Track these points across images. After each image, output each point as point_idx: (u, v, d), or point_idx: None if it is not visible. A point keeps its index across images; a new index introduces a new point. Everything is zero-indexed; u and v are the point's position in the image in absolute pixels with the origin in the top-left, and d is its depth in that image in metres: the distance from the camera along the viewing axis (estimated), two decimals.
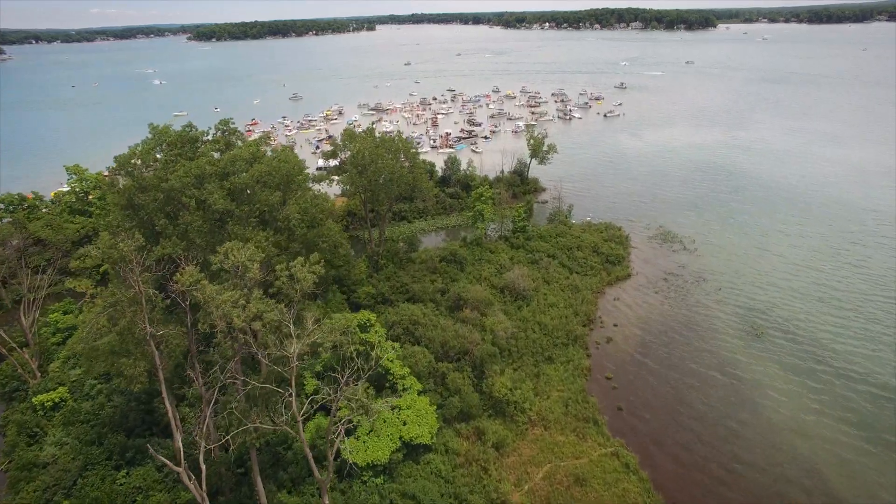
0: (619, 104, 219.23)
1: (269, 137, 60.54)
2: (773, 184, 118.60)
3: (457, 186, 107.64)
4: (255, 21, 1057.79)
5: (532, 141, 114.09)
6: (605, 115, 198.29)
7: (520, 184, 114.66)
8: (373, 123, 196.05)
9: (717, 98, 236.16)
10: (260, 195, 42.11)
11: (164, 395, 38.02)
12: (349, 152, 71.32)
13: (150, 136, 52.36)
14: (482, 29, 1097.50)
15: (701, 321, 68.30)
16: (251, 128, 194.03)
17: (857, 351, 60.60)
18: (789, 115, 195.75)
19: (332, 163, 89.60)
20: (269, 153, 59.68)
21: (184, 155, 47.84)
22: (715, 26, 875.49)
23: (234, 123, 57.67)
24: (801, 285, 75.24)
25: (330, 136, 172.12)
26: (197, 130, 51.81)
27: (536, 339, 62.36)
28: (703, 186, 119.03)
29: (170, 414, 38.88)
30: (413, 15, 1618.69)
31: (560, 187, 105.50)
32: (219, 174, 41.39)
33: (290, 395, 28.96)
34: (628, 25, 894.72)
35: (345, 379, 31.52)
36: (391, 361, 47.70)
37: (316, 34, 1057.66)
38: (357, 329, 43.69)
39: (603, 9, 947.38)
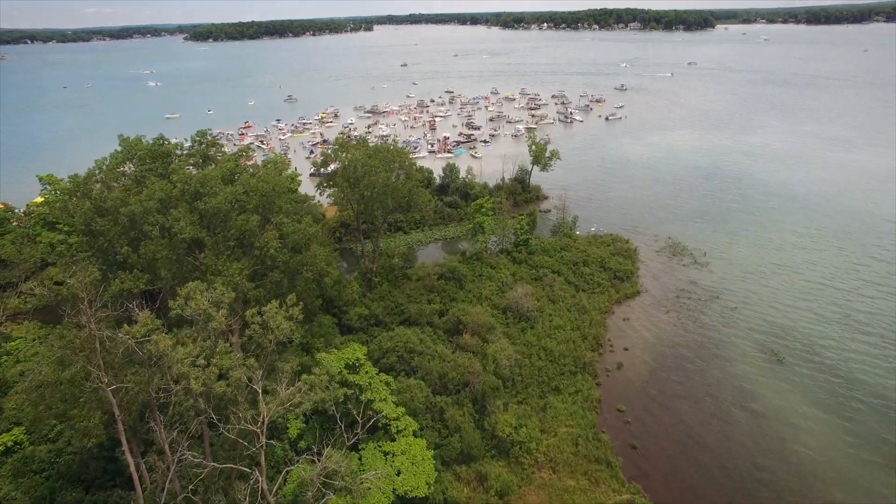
0: (621, 106, 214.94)
1: (250, 150, 55.42)
2: (784, 192, 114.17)
3: (455, 195, 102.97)
4: (252, 21, 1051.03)
5: (534, 147, 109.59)
6: (606, 119, 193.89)
7: (521, 192, 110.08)
8: (369, 127, 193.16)
9: (719, 100, 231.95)
10: (235, 220, 37.39)
11: (125, 447, 33.38)
12: (340, 163, 66.49)
13: (119, 148, 47.55)
14: (480, 29, 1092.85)
15: (716, 345, 63.74)
16: (244, 131, 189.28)
17: (888, 384, 56.03)
18: (795, 118, 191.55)
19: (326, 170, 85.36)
20: (256, 165, 55.06)
21: (155, 171, 43.02)
22: (713, 27, 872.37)
23: (213, 133, 52.56)
24: (820, 306, 70.70)
25: (325, 141, 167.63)
26: (170, 143, 46.95)
27: (542, 367, 57.72)
28: (711, 194, 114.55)
29: (131, 467, 34.22)
30: (411, 15, 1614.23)
31: (565, 197, 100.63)
32: (190, 195, 36.63)
33: (258, 479, 24.23)
34: (627, 26, 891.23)
35: (325, 452, 26.76)
36: (383, 401, 42.98)
37: (313, 34, 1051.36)
38: (345, 370, 39.06)
39: (601, 9, 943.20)
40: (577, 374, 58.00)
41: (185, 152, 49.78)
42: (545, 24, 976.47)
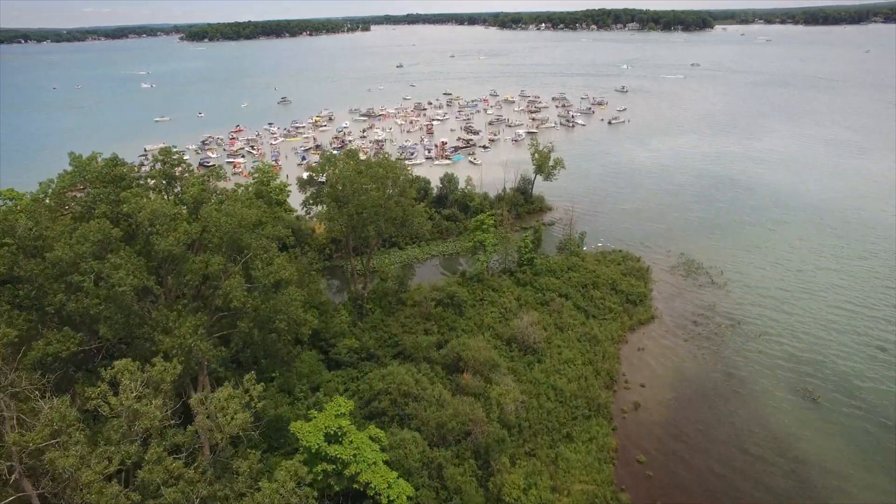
0: (623, 109, 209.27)
1: (219, 176, 48.93)
2: (798, 203, 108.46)
3: (454, 207, 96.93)
4: (249, 21, 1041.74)
5: (537, 155, 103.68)
6: (609, 122, 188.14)
7: (524, 203, 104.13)
8: (364, 131, 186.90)
9: (722, 103, 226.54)
10: (192, 264, 31.26)
11: None
12: (327, 179, 60.35)
13: (69, 168, 41.44)
14: (478, 29, 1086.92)
15: (742, 382, 57.86)
16: (235, 135, 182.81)
17: None
18: (800, 121, 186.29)
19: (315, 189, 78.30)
20: (226, 190, 48.75)
21: (106, 198, 36.87)
22: (712, 27, 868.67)
23: (179, 151, 46.40)
24: (852, 337, 64.79)
25: (318, 146, 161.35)
26: (127, 165, 40.85)
27: (552, 410, 51.75)
28: (722, 205, 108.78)
29: None
30: (408, 15, 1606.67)
31: (572, 212, 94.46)
32: (142, 236, 30.52)
33: None
34: (625, 26, 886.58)
35: None
36: (373, 466, 36.87)
37: (310, 34, 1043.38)
38: (325, 444, 33.01)
39: (599, 9, 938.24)
40: (590, 417, 52.08)
41: (145, 174, 43.46)
42: (543, 25, 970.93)
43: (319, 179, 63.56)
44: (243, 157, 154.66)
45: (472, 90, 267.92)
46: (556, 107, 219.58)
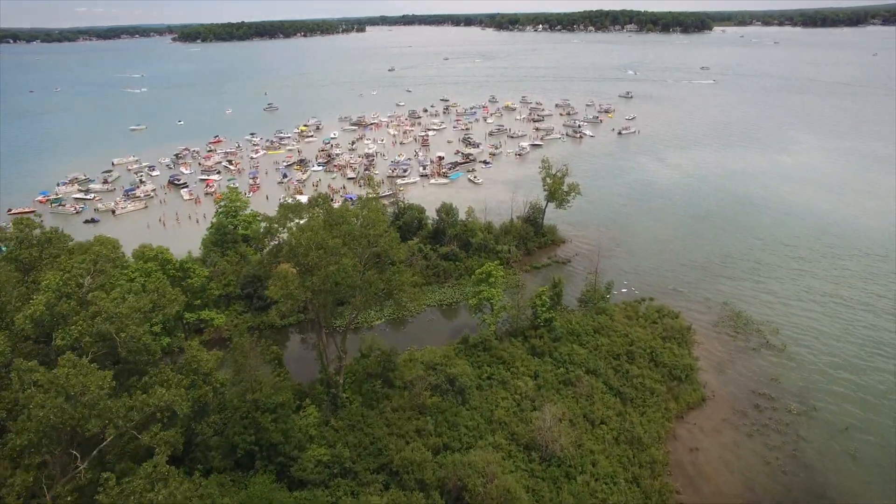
0: (633, 118, 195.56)
1: (64, 241, 34.50)
2: (850, 236, 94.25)
3: (453, 244, 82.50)
4: (242, 22, 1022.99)
5: (549, 180, 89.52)
6: (619, 133, 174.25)
7: (534, 236, 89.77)
8: (353, 143, 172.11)
9: (737, 110, 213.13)
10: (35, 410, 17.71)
11: None
12: (289, 237, 45.81)
13: None
14: (474, 31, 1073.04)
15: (836, 499, 43.85)
16: (213, 147, 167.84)
17: None
18: (828, 131, 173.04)
19: (300, 220, 62.33)
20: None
21: None
22: (710, 29, 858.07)
23: (43, 222, 31.84)
24: None
25: (301, 161, 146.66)
26: None
27: None
28: (761, 235, 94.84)
29: None
30: (404, 16, 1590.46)
31: (598, 258, 79.45)
32: None
33: None
34: (623, 28, 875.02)
35: None
36: None
37: (304, 35, 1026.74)
38: None
39: (597, 11, 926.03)
40: None
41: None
42: (540, 26, 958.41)
43: (280, 233, 48.94)
44: (219, 173, 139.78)
45: (471, 96, 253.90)
46: (560, 114, 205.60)
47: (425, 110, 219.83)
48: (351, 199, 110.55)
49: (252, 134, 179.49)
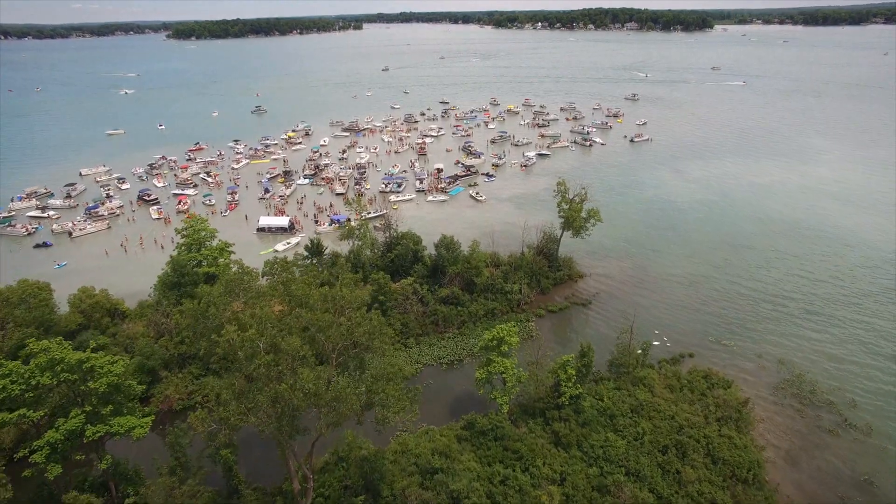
0: (644, 123, 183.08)
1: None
2: None
3: (454, 284, 69.80)
4: (237, 19, 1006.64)
5: (565, 205, 77.01)
6: (631, 140, 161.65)
7: (548, 270, 77.13)
8: (344, 151, 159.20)
9: (754, 115, 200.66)
10: None
11: None
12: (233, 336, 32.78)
13: None
14: (472, 28, 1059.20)
15: None
16: (192, 155, 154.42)
17: None
18: (855, 139, 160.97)
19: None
20: None
21: None
22: (712, 28, 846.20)
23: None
24: None
25: (286, 172, 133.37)
26: None
27: None
28: (811, 269, 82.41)
29: None
30: (401, 14, 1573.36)
31: (633, 317, 65.50)
32: None
33: None
34: (623, 26, 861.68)
35: None
36: None
37: (300, 33, 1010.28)
38: None
39: (597, 9, 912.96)
40: None
41: None
42: (539, 24, 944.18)
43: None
44: (196, 186, 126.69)
45: (470, 98, 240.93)
46: (567, 119, 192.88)
47: (422, 114, 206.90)
48: (338, 220, 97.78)
49: (235, 141, 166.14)
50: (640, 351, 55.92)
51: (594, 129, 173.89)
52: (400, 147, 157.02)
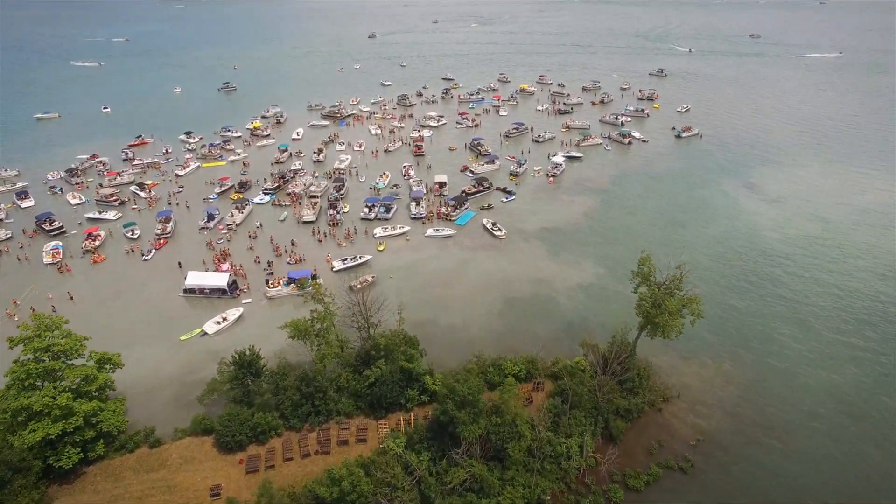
0: (686, 109, 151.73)
1: None
2: None
3: (474, 455, 41.09)
4: None
5: (648, 297, 48.10)
6: (678, 135, 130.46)
7: (619, 397, 48.52)
8: (322, 147, 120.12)
9: (818, 99, 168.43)
10: None
11: None
12: None
13: None
14: None
15: None
16: (131, 152, 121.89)
17: None
18: None
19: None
20: None
21: None
22: None
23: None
24: None
25: (242, 185, 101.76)
26: None
27: None
28: None
29: None
30: None
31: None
32: None
33: None
34: None
35: None
36: None
37: None
38: None
39: None
40: None
41: None
42: None
43: None
44: (122, 203, 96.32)
45: (473, 73, 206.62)
46: (592, 104, 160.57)
47: (419, 94, 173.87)
48: (296, 279, 68.30)
49: (188, 133, 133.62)
50: None
51: (629, 119, 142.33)
52: (391, 144, 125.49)
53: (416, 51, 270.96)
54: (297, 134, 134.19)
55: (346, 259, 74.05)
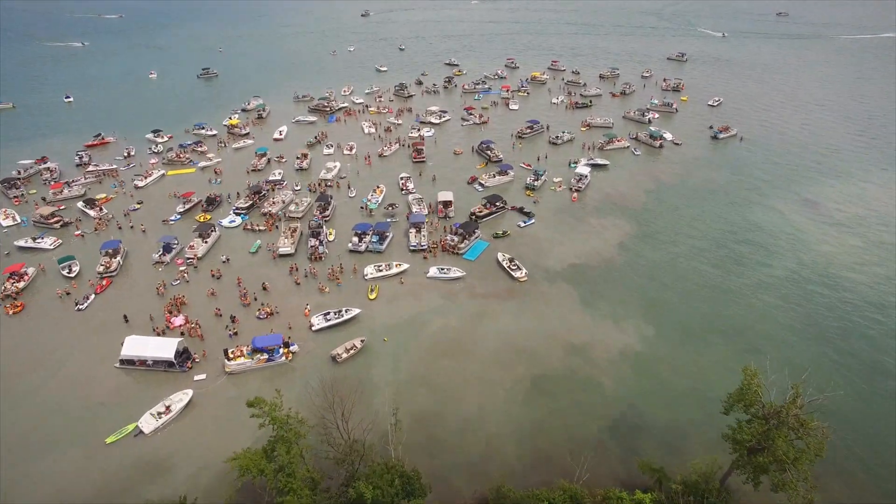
0: (718, 102, 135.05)
1: None
2: None
3: None
4: None
5: (746, 429, 33.18)
6: (715, 136, 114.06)
7: None
8: (304, 156, 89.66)
9: (861, 91, 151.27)
10: None
11: None
12: None
13: None
14: None
15: None
16: (86, 154, 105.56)
17: None
18: None
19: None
20: None
21: None
22: None
23: None
24: None
25: (210, 201, 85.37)
26: None
27: None
28: None
29: None
30: None
31: None
32: None
33: None
34: None
35: None
36: None
37: None
38: None
39: None
40: None
41: None
42: None
43: None
44: (63, 226, 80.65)
45: (477, 57, 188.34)
46: (612, 95, 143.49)
47: (419, 82, 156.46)
48: (264, 349, 53.34)
49: (156, 132, 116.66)
50: None
51: (656, 115, 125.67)
52: (387, 146, 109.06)
53: (414, 30, 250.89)
54: (280, 133, 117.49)
55: (328, 314, 58.96)
